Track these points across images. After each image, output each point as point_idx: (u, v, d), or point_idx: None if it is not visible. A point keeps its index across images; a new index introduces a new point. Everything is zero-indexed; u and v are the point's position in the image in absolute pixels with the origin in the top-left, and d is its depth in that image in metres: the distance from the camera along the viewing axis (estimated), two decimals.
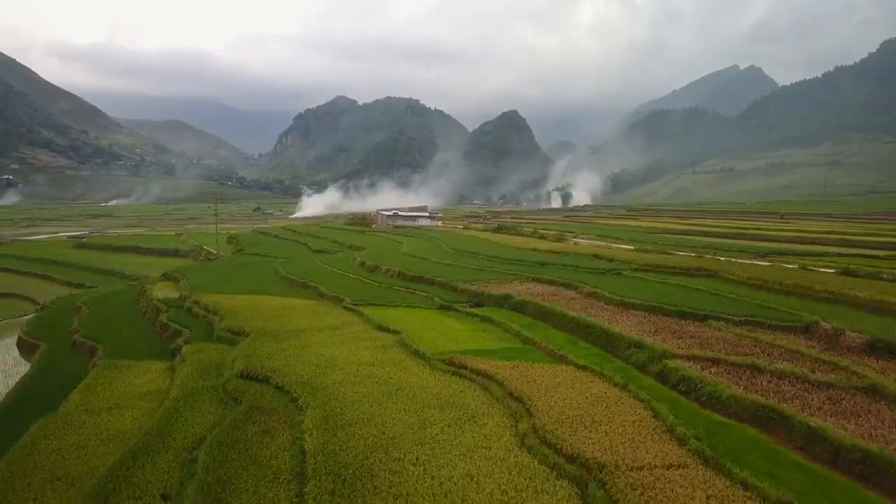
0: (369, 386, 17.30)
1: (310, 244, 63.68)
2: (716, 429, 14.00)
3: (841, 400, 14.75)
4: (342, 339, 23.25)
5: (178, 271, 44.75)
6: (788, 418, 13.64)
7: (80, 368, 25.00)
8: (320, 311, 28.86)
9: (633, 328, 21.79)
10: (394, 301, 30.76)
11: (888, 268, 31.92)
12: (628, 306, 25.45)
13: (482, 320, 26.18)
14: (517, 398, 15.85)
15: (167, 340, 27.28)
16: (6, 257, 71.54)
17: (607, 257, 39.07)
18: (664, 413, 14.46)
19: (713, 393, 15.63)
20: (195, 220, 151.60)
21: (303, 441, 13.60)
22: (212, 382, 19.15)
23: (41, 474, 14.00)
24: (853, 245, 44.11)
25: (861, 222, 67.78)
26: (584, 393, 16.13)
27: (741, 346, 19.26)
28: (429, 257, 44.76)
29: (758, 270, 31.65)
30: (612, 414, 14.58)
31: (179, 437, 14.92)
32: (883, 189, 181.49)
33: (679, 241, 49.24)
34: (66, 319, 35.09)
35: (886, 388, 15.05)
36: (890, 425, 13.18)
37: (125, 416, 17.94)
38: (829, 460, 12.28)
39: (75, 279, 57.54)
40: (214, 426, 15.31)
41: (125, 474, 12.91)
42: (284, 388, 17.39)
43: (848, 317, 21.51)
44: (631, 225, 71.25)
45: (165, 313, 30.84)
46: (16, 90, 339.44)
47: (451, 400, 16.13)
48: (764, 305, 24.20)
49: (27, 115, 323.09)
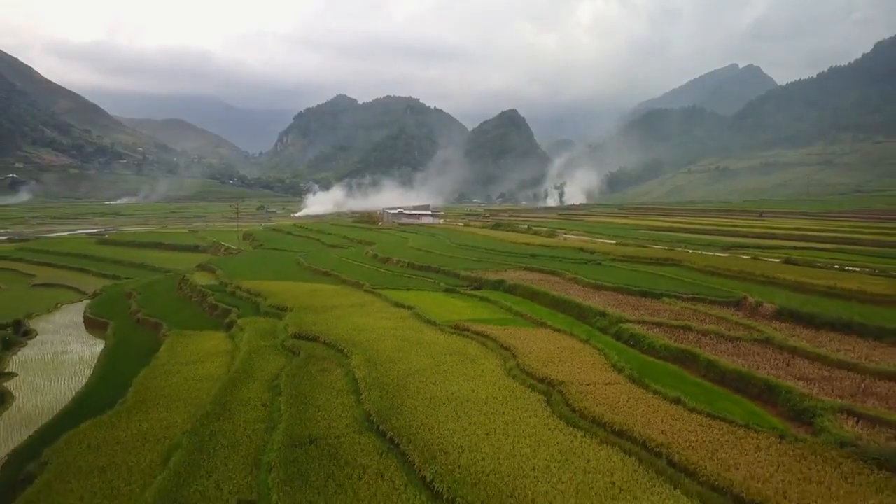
0: (395, 342, 22.85)
1: (323, 240, 69.20)
2: (647, 365, 19.57)
3: (740, 347, 20.34)
4: (367, 312, 28.82)
5: (211, 263, 50.27)
6: (697, 356, 19.23)
7: (151, 339, 30.54)
8: (345, 294, 34.45)
9: (600, 303, 27.34)
10: (406, 285, 36.30)
11: (826, 257, 37.50)
12: (601, 288, 31.02)
13: (480, 300, 31.73)
14: (506, 348, 21.44)
15: (218, 317, 32.78)
16: (39, 252, 76.95)
17: (590, 250, 44.68)
18: (611, 356, 20.07)
19: (650, 344, 21.20)
20: (200, 218, 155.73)
21: (353, 373, 19.18)
22: (271, 342, 24.70)
23: (165, 398, 19.55)
24: (810, 239, 49.66)
25: (830, 219, 73.32)
26: (556, 345, 21.71)
27: (682, 315, 24.83)
28: (433, 250, 50.35)
29: (715, 260, 37.22)
30: (574, 357, 20.17)
31: (259, 375, 20.48)
32: (869, 188, 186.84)
33: (658, 237, 54.83)
34: (121, 303, 40.69)
35: (775, 339, 20.63)
36: (765, 360, 18.75)
37: (207, 366, 23.46)
38: (717, 380, 17.86)
39: (110, 272, 62.92)
40: (283, 368, 20.86)
41: (231, 394, 18.46)
42: (330, 344, 22.96)
43: (770, 293, 27.09)
44: (619, 222, 76.80)
45: (212, 296, 36.36)
46: (18, 89, 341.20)
47: (456, 349, 21.72)
48: (710, 287, 29.80)
49: (30, 114, 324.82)
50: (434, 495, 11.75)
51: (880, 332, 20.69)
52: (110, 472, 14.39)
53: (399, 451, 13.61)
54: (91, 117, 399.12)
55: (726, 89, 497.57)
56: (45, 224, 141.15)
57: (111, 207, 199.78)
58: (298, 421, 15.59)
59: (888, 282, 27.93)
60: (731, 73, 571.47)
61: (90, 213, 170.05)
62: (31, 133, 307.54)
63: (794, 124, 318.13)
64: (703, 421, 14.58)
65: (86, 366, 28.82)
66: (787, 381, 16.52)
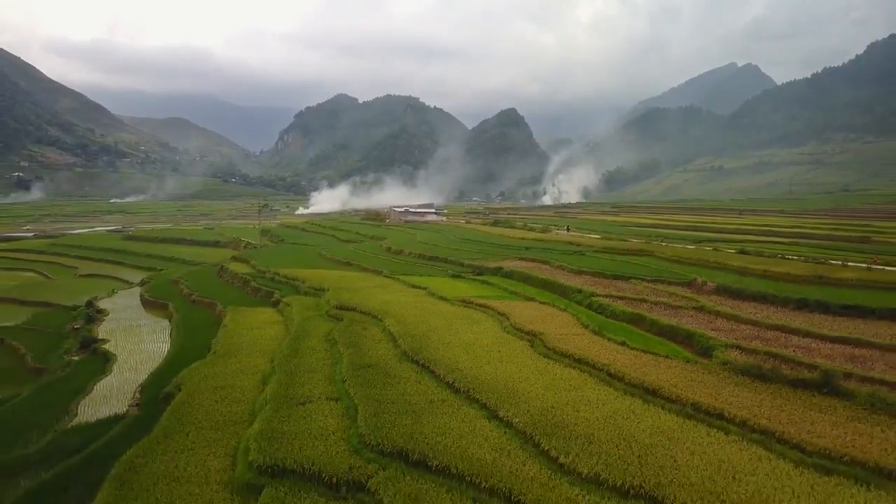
0: (415, 311, 29.33)
1: (337, 235, 75.67)
2: (607, 324, 26.07)
3: (680, 312, 26.83)
4: (389, 291, 35.33)
5: (244, 255, 56.76)
6: (644, 317, 25.75)
7: (209, 314, 37.06)
8: (368, 278, 40.96)
9: (579, 284, 33.84)
10: (418, 272, 42.78)
11: (777, 249, 43.96)
12: (581, 273, 37.51)
13: (482, 283, 38.19)
14: (502, 314, 27.96)
15: (262, 298, 39.25)
16: (72, 247, 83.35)
17: (577, 243, 51.19)
18: (581, 318, 26.61)
19: (612, 310, 27.71)
20: (206, 216, 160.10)
21: (388, 329, 25.71)
22: (316, 313, 31.23)
23: (244, 349, 26.04)
24: (773, 234, 56.15)
25: (801, 217, 79.78)
26: (540, 312, 28.24)
27: (642, 292, 31.33)
28: (440, 244, 56.85)
29: (682, 251, 43.71)
30: (554, 319, 26.70)
31: (314, 333, 26.98)
32: (856, 187, 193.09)
33: (640, 232, 61.29)
34: (171, 288, 47.18)
35: (706, 307, 27.17)
36: (695, 320, 25.25)
37: (267, 331, 29.95)
38: (656, 332, 24.36)
39: (144, 264, 69.29)
40: (332, 328, 27.38)
41: (298, 344, 24.98)
42: (366, 312, 29.48)
43: (717, 276, 33.59)
44: (608, 220, 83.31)
45: (254, 281, 42.89)
46: (22, 88, 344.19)
47: (464, 315, 28.24)
48: (671, 271, 36.30)
49: (34, 113, 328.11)
50: (454, 391, 18.26)
51: (786, 301, 27.22)
52: (227, 390, 20.89)
53: (428, 370, 20.15)
54: (93, 116, 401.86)
55: (725, 88, 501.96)
56: (58, 222, 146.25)
57: (118, 206, 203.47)
58: (356, 356, 22.13)
59: (810, 266, 34.41)
60: (730, 72, 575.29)
61: (98, 211, 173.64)
62: (36, 132, 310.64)
63: (788, 124, 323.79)
64: (638, 354, 21.11)
65: (159, 334, 35.35)
66: (703, 331, 23.03)
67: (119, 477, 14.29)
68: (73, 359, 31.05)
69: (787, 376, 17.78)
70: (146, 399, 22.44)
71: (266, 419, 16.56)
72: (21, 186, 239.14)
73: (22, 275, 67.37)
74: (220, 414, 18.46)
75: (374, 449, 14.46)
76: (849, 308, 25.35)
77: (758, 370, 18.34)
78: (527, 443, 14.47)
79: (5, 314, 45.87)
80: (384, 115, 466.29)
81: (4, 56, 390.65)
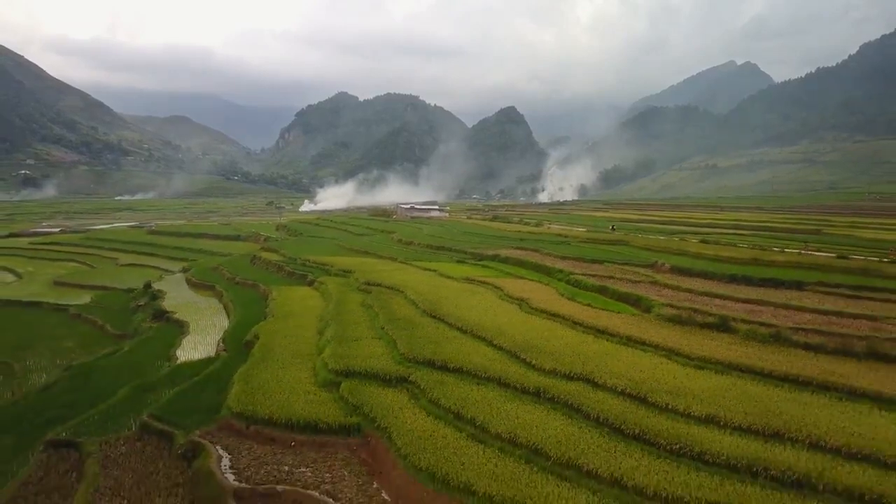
0: (429, 286, 36.70)
1: (349, 230, 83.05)
2: (578, 293, 33.43)
3: (637, 284, 34.17)
4: (405, 273, 42.71)
5: (272, 246, 64.13)
6: (608, 288, 33.13)
7: (254, 293, 44.34)
8: (385, 264, 48.34)
9: (562, 266, 41.18)
10: (427, 258, 50.12)
11: (735, 239, 51.30)
12: (565, 258, 44.87)
13: (482, 266, 45.56)
14: (497, 287, 35.36)
15: (297, 279, 46.57)
16: (104, 241, 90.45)
17: (565, 235, 58.59)
18: (559, 289, 34.05)
19: (584, 284, 35.07)
20: (213, 213, 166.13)
21: (409, 296, 33.11)
22: (348, 288, 38.61)
23: (296, 314, 33.39)
24: (739, 227, 63.54)
25: (775, 213, 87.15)
26: (528, 286, 35.66)
27: (611, 271, 38.69)
28: (445, 236, 64.22)
29: (653, 241, 51.06)
30: (538, 290, 34.12)
31: (351, 301, 34.36)
32: (842, 185, 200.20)
33: (624, 226, 68.63)
34: (213, 274, 54.49)
35: (659, 281, 34.57)
36: (647, 289, 32.59)
37: (310, 302, 37.30)
38: (615, 298, 31.70)
39: (176, 255, 76.30)
40: (365, 297, 34.75)
41: (340, 308, 32.37)
42: (389, 287, 36.88)
43: (674, 259, 40.90)
44: (598, 215, 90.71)
45: (287, 266, 50.25)
46: (26, 87, 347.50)
47: (467, 289, 35.66)
48: (639, 256, 43.66)
49: (38, 111, 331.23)
50: (461, 332, 25.66)
51: (722, 276, 34.62)
52: (293, 337, 28.27)
53: (442, 321, 27.57)
54: (97, 114, 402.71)
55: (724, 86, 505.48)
56: (70, 219, 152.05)
57: (125, 203, 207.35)
58: (387, 313, 29.56)
59: (752, 252, 41.74)
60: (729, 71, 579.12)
61: (106, 209, 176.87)
62: (41, 130, 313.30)
63: (782, 123, 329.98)
64: (598, 311, 28.52)
65: (215, 308, 42.70)
66: (650, 296, 30.40)
67: (243, 377, 21.72)
68: (152, 325, 38.43)
69: (697, 321, 25.18)
70: (230, 346, 29.79)
71: (333, 348, 23.99)
72: (28, 184, 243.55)
73: (66, 265, 74.50)
74: (294, 350, 25.87)
75: (410, 361, 21.89)
76: (766, 280, 32.75)
77: (678, 318, 25.76)
78: (510, 356, 21.91)
79: (70, 296, 53.32)
80: (385, 114, 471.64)
81: (8, 55, 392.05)
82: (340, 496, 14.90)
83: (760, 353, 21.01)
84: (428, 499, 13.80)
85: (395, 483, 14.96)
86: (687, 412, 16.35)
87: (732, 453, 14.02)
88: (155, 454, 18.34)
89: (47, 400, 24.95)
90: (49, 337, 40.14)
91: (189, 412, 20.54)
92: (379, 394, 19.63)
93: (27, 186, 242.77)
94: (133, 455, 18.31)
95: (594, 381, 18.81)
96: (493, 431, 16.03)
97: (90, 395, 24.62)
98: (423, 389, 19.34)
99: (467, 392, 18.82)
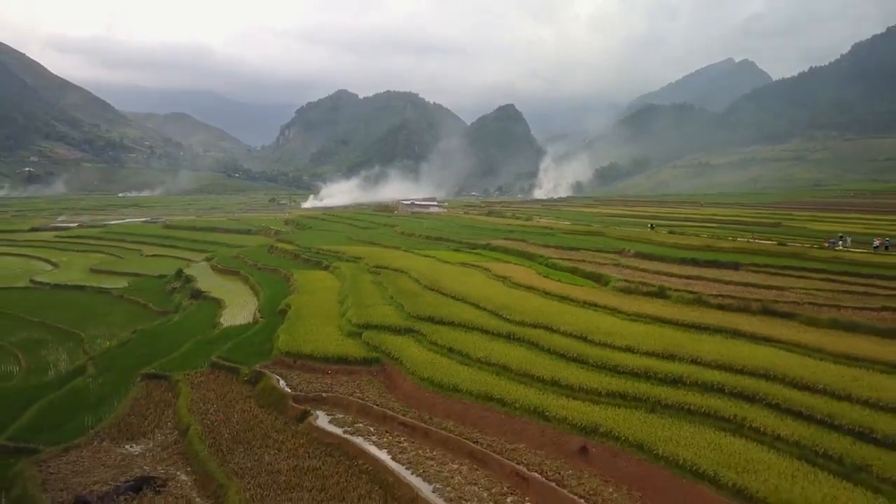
0: (429, 269, 43.23)
1: (354, 224, 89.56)
2: (553, 273, 39.96)
3: (603, 266, 40.71)
4: (408, 259, 49.26)
5: (285, 238, 70.65)
6: (578, 269, 39.69)
7: (276, 276, 50.83)
8: (389, 251, 54.89)
9: (543, 252, 47.73)
10: (427, 248, 56.62)
11: (700, 230, 57.84)
12: (547, 246, 51.40)
13: (475, 253, 52.06)
14: (486, 269, 41.95)
15: (312, 265, 53.07)
16: (125, 234, 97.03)
17: (551, 228, 65.16)
18: (538, 270, 40.62)
19: (559, 266, 41.61)
20: (216, 209, 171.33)
21: (412, 276, 39.67)
22: (359, 270, 45.15)
23: (317, 290, 39.92)
24: (711, 221, 70.06)
25: (749, 209, 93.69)
26: (512, 268, 42.24)
27: (584, 256, 45.22)
28: (443, 229, 70.77)
29: (627, 232, 57.61)
30: (520, 271, 40.71)
31: (363, 279, 40.92)
32: (828, 183, 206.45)
33: (607, 220, 75.14)
34: (235, 262, 60.96)
35: (622, 263, 41.15)
36: (611, 270, 39.14)
37: (327, 282, 43.84)
38: (583, 276, 38.26)
39: (195, 247, 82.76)
40: (374, 277, 41.30)
41: (355, 284, 38.94)
42: (395, 269, 43.45)
43: (639, 246, 47.43)
44: (586, 211, 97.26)
45: (302, 255, 56.78)
46: (28, 85, 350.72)
47: (461, 270, 42.25)
48: (611, 245, 50.18)
49: (41, 109, 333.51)
50: (456, 300, 32.23)
51: (674, 259, 41.16)
52: (318, 306, 34.82)
53: (441, 293, 34.15)
54: (98, 112, 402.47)
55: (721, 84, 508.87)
56: (79, 215, 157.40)
57: (130, 199, 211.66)
58: (396, 288, 36.15)
59: (707, 240, 48.33)
60: (728, 68, 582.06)
61: (112, 206, 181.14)
62: (44, 128, 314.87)
63: (775, 122, 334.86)
64: (566, 285, 35.07)
65: (242, 289, 49.21)
66: (610, 274, 36.94)
67: (285, 330, 28.36)
68: (192, 302, 44.96)
69: (642, 290, 31.77)
70: (265, 315, 36.34)
71: (354, 311, 30.62)
72: (33, 181, 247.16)
73: (94, 255, 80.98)
74: (321, 313, 32.46)
75: (414, 317, 28.55)
76: (710, 262, 39.31)
77: (628, 289, 32.37)
78: (491, 314, 28.55)
79: (108, 281, 59.99)
80: (384, 111, 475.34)
81: (10, 53, 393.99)
82: (367, 399, 21.49)
83: (681, 310, 27.59)
84: (428, 395, 20.40)
85: (405, 390, 21.59)
86: (613, 345, 22.92)
87: (636, 365, 20.60)
88: (227, 381, 24.93)
89: (126, 352, 31.54)
90: (100, 314, 46.84)
91: (246, 355, 27.11)
92: (391, 339, 26.24)
93: (32, 183, 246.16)
94: (210, 381, 24.91)
95: (551, 328, 25.39)
96: (474, 357, 22.66)
97: (161, 349, 31.21)
98: (425, 335, 25.96)
99: (457, 336, 25.44)
